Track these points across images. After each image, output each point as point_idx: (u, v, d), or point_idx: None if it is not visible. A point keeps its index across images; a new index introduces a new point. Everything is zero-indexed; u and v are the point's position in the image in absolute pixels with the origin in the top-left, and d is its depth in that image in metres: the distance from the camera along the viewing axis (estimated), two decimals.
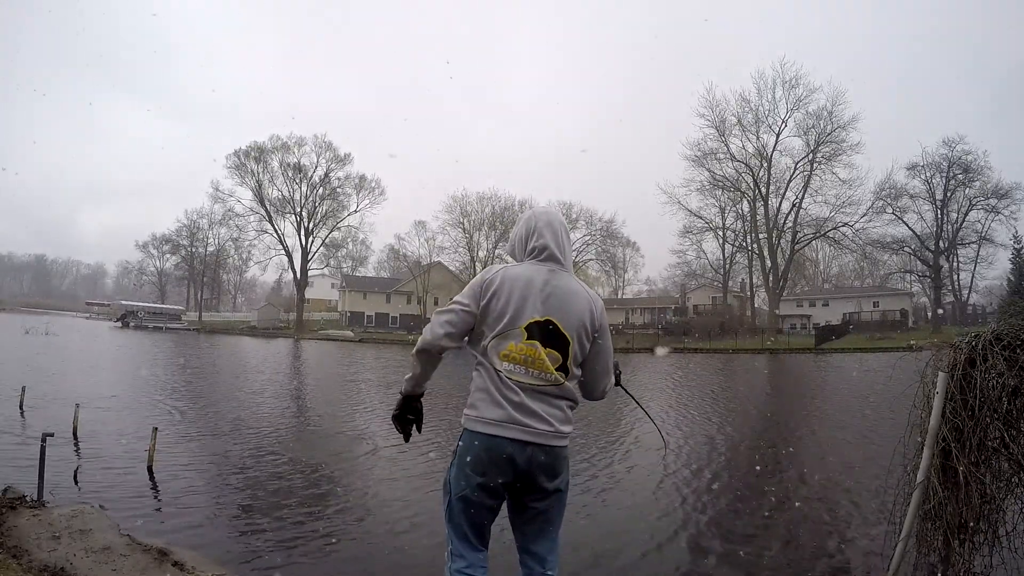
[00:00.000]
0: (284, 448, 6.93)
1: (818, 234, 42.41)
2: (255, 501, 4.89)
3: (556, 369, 1.72)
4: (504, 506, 1.77)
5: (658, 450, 6.79)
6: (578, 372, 1.79)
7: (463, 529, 1.72)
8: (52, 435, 4.75)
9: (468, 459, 1.69)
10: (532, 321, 1.72)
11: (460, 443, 1.74)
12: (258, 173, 52.41)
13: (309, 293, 57.49)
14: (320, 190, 53.22)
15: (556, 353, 1.72)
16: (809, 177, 41.93)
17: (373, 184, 53.91)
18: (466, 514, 1.71)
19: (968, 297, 45.12)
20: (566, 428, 1.74)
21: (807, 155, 41.78)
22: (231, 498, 4.96)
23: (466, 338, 1.79)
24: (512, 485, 1.69)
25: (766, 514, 4.80)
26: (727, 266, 48.93)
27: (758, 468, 6.43)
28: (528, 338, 1.71)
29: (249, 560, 3.69)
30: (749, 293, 48.54)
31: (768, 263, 43.28)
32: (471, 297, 1.76)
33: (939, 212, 40.67)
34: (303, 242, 53.11)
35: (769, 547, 4.06)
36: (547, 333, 1.72)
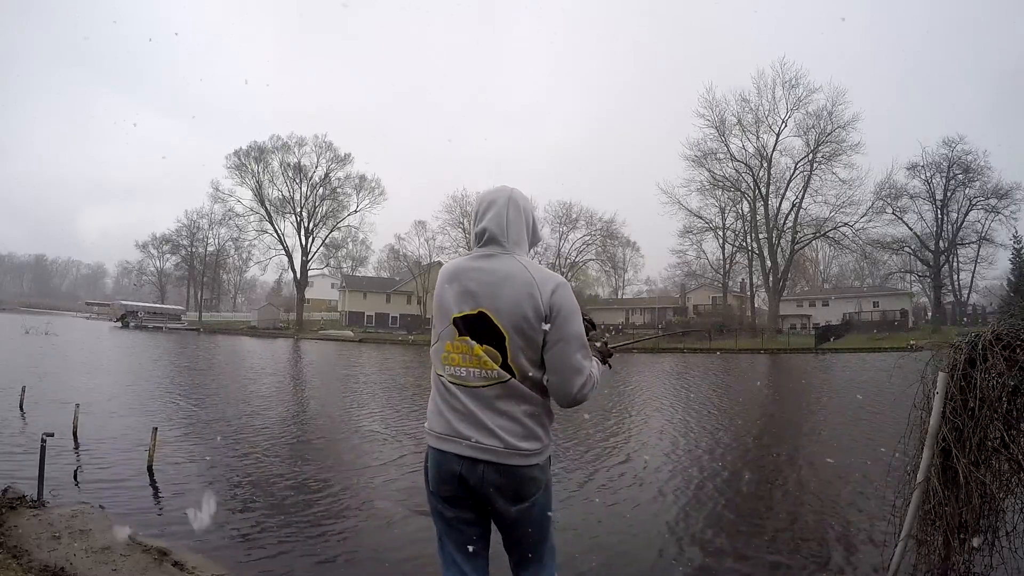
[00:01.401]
0: (286, 449, 6.93)
1: (818, 234, 42.41)
2: (257, 501, 4.89)
3: (486, 367, 1.48)
4: None
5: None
6: (533, 372, 1.50)
7: (450, 554, 1.55)
8: (52, 435, 4.75)
9: (427, 474, 1.57)
10: (461, 315, 1.52)
11: (425, 456, 1.61)
12: (258, 173, 52.54)
13: (309, 293, 57.52)
14: (320, 190, 53.31)
15: (493, 350, 1.48)
16: (809, 177, 41.93)
17: (373, 184, 54.05)
18: (447, 532, 1.55)
19: (968, 297, 45.15)
20: (527, 445, 1.48)
21: (807, 155, 41.78)
22: (232, 498, 4.96)
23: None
24: (475, 503, 1.52)
25: (767, 513, 4.80)
26: (727, 266, 48.93)
27: (761, 468, 6.44)
28: (460, 334, 1.51)
29: (250, 560, 3.69)
30: (749, 293, 48.53)
31: (768, 263, 43.29)
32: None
33: (939, 212, 40.73)
34: (303, 242, 53.22)
35: (770, 546, 4.06)
36: (479, 327, 1.49)
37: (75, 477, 5.21)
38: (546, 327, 1.48)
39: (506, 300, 1.48)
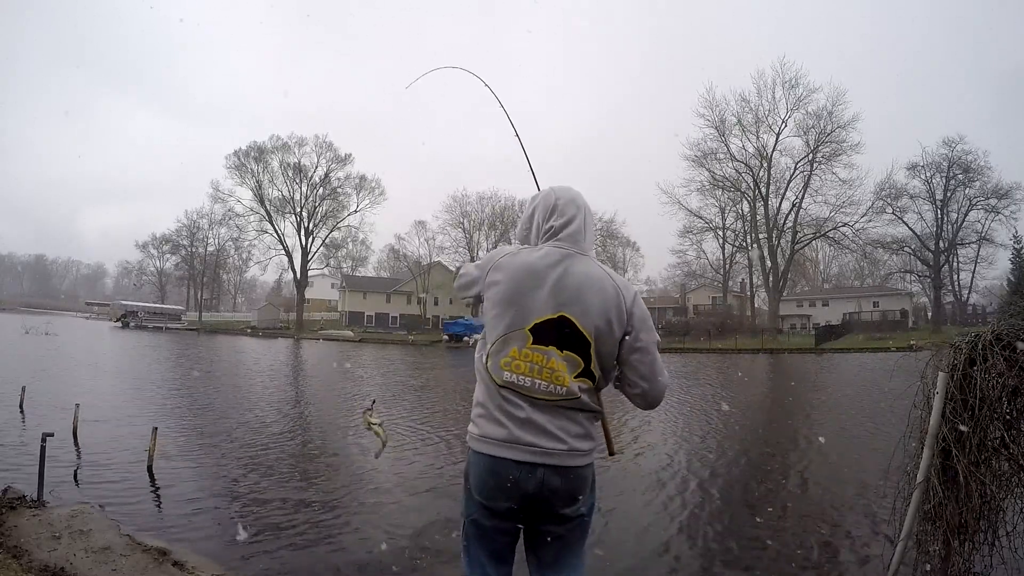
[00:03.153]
0: (287, 449, 6.93)
1: (818, 234, 42.44)
2: (256, 501, 4.89)
3: (576, 376, 1.44)
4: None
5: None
6: (604, 379, 1.52)
7: (479, 557, 1.50)
8: (52, 435, 4.75)
9: (473, 482, 1.49)
10: (541, 320, 1.43)
11: (468, 461, 1.52)
12: (258, 173, 52.50)
13: (309, 293, 57.50)
14: (320, 190, 53.27)
15: (575, 356, 1.44)
16: (809, 177, 41.99)
17: (373, 184, 54.04)
18: (480, 540, 1.50)
19: (968, 297, 45.20)
20: (585, 444, 1.46)
21: (807, 155, 41.83)
22: (232, 498, 4.96)
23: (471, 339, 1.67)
24: (524, 510, 1.46)
25: (767, 513, 4.80)
26: (727, 266, 48.98)
27: (760, 468, 6.44)
28: (534, 342, 1.43)
29: (249, 560, 3.69)
30: (749, 293, 48.54)
31: (768, 263, 43.30)
32: (480, 269, 1.55)
33: (939, 212, 40.72)
34: (303, 242, 53.18)
35: (770, 546, 4.06)
36: (562, 332, 1.43)
37: (75, 477, 5.20)
38: (627, 335, 1.48)
39: (593, 305, 1.44)
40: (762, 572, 3.69)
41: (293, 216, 53.18)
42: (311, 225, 53.26)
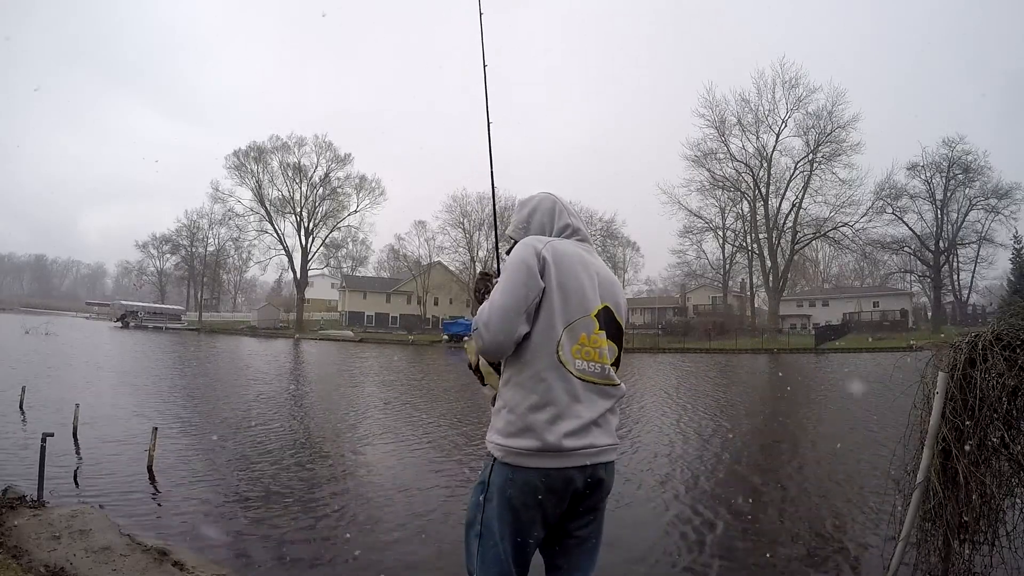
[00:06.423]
0: (286, 449, 6.93)
1: (818, 234, 42.43)
2: (256, 501, 4.89)
3: (611, 364, 1.44)
4: None
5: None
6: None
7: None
8: (52, 435, 4.75)
9: (518, 499, 1.31)
10: (602, 307, 1.44)
11: (500, 478, 1.33)
12: (258, 173, 52.52)
13: (309, 293, 57.48)
14: (320, 190, 53.29)
15: (615, 345, 1.46)
16: (809, 177, 41.97)
17: (373, 184, 54.05)
18: (516, 564, 1.34)
19: (968, 297, 45.15)
20: (617, 437, 1.46)
21: (807, 155, 41.82)
22: (232, 498, 4.96)
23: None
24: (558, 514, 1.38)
25: (767, 513, 4.80)
26: (727, 266, 48.94)
27: (760, 468, 6.43)
28: (599, 328, 1.42)
29: (249, 560, 3.69)
30: (749, 293, 48.53)
31: (768, 263, 43.29)
32: (532, 277, 1.35)
33: (939, 212, 40.73)
34: (303, 242, 53.20)
35: (769, 546, 4.06)
36: (608, 321, 1.45)
37: (75, 477, 5.20)
38: None
39: (620, 296, 1.53)
40: (761, 571, 3.69)
41: (293, 216, 53.23)
42: (311, 225, 53.30)
